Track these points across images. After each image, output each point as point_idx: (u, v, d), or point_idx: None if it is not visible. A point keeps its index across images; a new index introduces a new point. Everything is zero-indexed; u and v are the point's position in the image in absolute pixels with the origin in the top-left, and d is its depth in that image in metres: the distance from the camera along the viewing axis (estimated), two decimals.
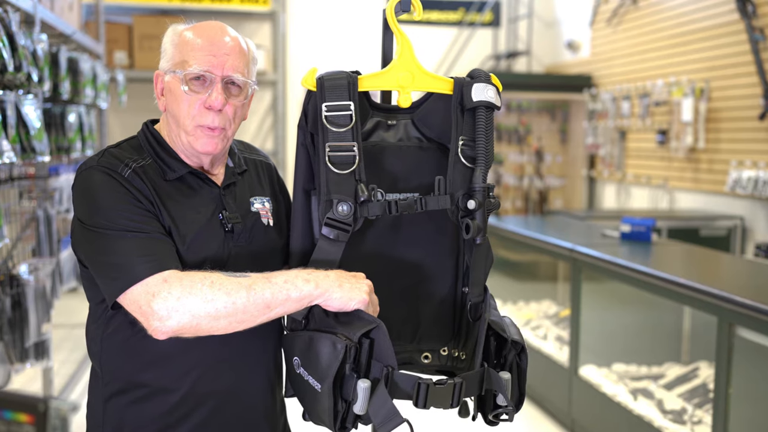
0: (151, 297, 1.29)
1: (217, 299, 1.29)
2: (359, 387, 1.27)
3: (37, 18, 3.25)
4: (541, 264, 5.34)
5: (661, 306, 3.90)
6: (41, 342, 3.22)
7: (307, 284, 1.33)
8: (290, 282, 1.33)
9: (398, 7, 1.50)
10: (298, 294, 1.33)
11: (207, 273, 1.32)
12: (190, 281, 1.30)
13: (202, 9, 7.20)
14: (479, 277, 1.49)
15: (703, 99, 5.42)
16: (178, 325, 1.29)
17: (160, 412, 1.46)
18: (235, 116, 1.47)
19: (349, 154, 1.38)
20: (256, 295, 1.31)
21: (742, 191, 4.91)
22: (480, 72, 1.49)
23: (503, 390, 1.37)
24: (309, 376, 1.33)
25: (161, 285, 1.30)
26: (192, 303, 1.28)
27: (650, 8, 6.21)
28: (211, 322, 1.30)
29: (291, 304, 1.33)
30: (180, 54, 1.44)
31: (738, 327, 2.73)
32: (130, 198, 1.38)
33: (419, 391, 1.30)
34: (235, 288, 1.30)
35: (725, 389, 2.75)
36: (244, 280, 1.32)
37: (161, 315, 1.28)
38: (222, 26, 1.48)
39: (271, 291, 1.32)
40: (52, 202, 3.69)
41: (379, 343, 1.29)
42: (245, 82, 1.47)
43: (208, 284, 1.30)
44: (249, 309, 1.31)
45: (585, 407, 3.70)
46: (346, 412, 1.30)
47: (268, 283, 1.32)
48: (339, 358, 1.27)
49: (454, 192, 1.44)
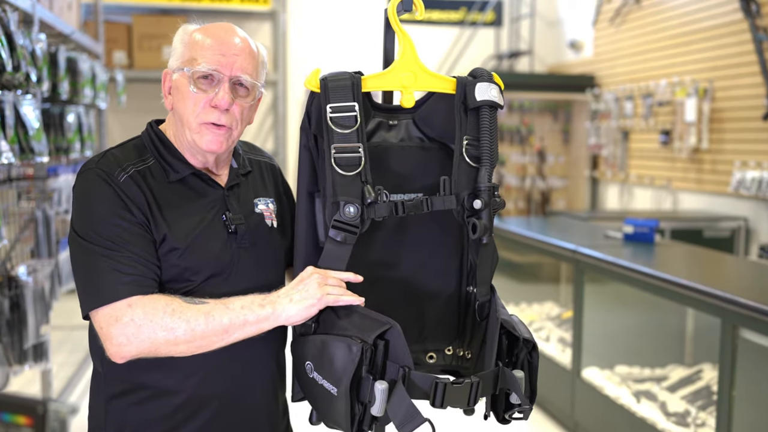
0: (114, 321, 1.34)
1: (177, 327, 1.33)
2: (377, 389, 1.27)
3: (35, 17, 3.24)
4: (543, 265, 5.33)
5: (665, 308, 3.89)
6: (40, 344, 3.22)
7: (262, 309, 1.36)
8: (246, 308, 1.36)
9: (400, 7, 1.49)
10: (255, 317, 1.36)
11: (169, 299, 1.36)
12: (152, 308, 1.34)
13: (202, 8, 7.17)
14: (486, 277, 1.49)
15: (706, 99, 5.41)
16: (137, 351, 1.34)
17: (163, 414, 1.47)
18: (241, 117, 1.47)
19: (355, 155, 1.38)
20: (214, 322, 1.34)
21: (745, 192, 4.90)
22: (482, 71, 1.48)
23: (517, 388, 1.37)
24: (323, 380, 1.33)
25: (125, 310, 1.34)
26: (152, 330, 1.33)
27: (653, 8, 6.19)
28: (169, 347, 1.35)
29: (249, 328, 1.36)
30: (189, 52, 1.44)
31: (742, 329, 2.73)
32: (121, 209, 1.39)
33: (436, 390, 1.30)
34: (195, 315, 1.34)
35: (729, 391, 2.74)
36: (203, 306, 1.36)
37: (119, 342, 1.33)
38: (233, 27, 1.49)
39: (229, 317, 1.35)
40: (50, 203, 3.68)
41: (394, 344, 1.30)
42: (253, 83, 1.48)
43: (169, 312, 1.34)
44: (207, 335, 1.34)
45: (588, 409, 3.69)
46: (363, 414, 1.30)
47: (226, 310, 1.36)
48: (355, 360, 1.27)
49: (459, 192, 1.43)
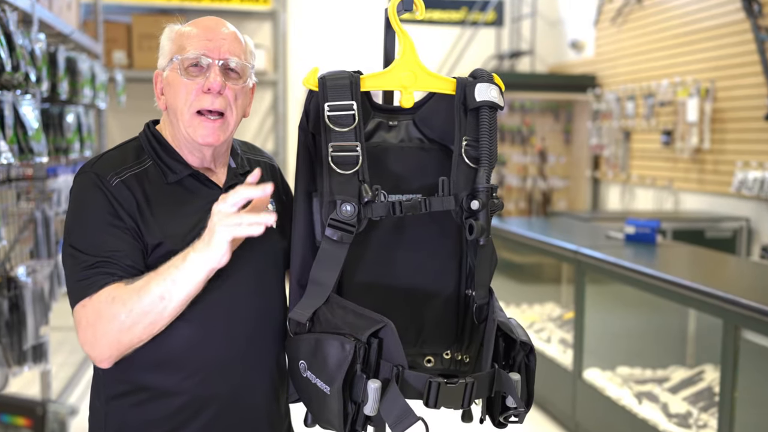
0: (78, 326, 1.36)
1: (118, 313, 1.31)
2: (370, 387, 1.26)
3: (35, 17, 3.24)
4: (544, 266, 5.32)
5: (666, 308, 3.89)
6: (39, 345, 3.21)
7: (183, 259, 1.31)
8: (171, 265, 1.31)
9: (400, 6, 1.49)
10: (182, 272, 1.30)
11: (110, 289, 1.33)
12: (97, 303, 1.33)
13: (202, 8, 7.17)
14: (484, 279, 1.48)
15: (708, 99, 5.40)
16: (107, 351, 1.34)
17: (163, 416, 1.46)
18: (236, 102, 1.46)
19: (353, 154, 1.37)
20: (148, 294, 1.31)
21: (747, 192, 4.89)
22: (482, 72, 1.48)
23: (513, 391, 1.36)
24: (317, 378, 1.32)
25: (81, 312, 1.35)
26: (102, 326, 1.32)
27: (655, 7, 6.18)
28: (128, 335, 1.32)
29: (183, 285, 1.31)
30: (176, 45, 1.45)
31: (744, 330, 2.72)
32: (110, 216, 1.40)
33: (430, 390, 1.29)
34: (129, 295, 1.31)
35: (731, 393, 2.74)
36: (137, 283, 1.32)
37: (87, 349, 1.35)
38: (218, 18, 1.49)
39: (157, 282, 1.31)
40: (50, 203, 3.67)
41: (387, 343, 1.29)
42: (243, 65, 1.47)
43: (109, 301, 1.32)
44: (147, 309, 1.31)
45: (589, 411, 3.68)
46: (356, 413, 1.29)
47: (156, 276, 1.32)
48: (348, 359, 1.26)
49: (458, 193, 1.43)
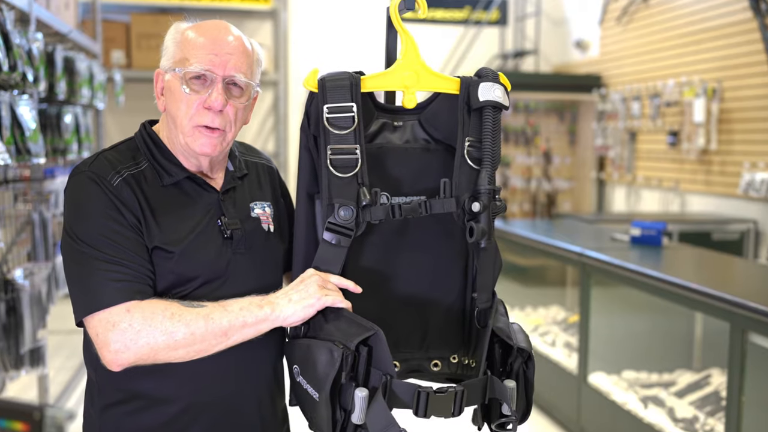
0: (111, 327, 1.31)
1: (176, 331, 1.31)
2: (356, 396, 1.25)
3: (32, 16, 3.23)
4: (549, 268, 5.31)
5: (672, 312, 3.88)
6: (36, 348, 3.21)
7: (260, 309, 1.34)
8: (245, 309, 1.34)
9: (402, 5, 1.47)
10: (254, 319, 1.34)
11: (168, 303, 1.34)
12: (151, 312, 1.31)
13: (202, 7, 7.15)
14: (486, 283, 1.46)
15: (715, 99, 5.37)
16: (135, 357, 1.31)
17: (158, 424, 1.44)
18: (236, 119, 1.44)
19: (351, 157, 1.36)
20: (213, 324, 1.32)
21: (755, 194, 4.86)
22: (488, 71, 1.45)
23: (507, 399, 1.35)
24: (307, 384, 1.31)
25: (123, 315, 1.31)
26: (151, 335, 1.30)
27: (661, 6, 6.15)
28: (169, 353, 1.32)
29: (248, 330, 1.35)
30: (181, 52, 1.42)
31: (751, 333, 2.71)
32: (114, 213, 1.37)
33: (419, 399, 1.28)
34: (194, 318, 1.32)
35: (738, 397, 2.73)
36: (202, 309, 1.34)
37: (116, 348, 1.30)
38: (226, 25, 1.46)
39: (228, 319, 1.33)
40: (47, 205, 3.67)
41: (377, 351, 1.28)
42: (247, 83, 1.45)
43: (168, 316, 1.31)
44: (207, 338, 1.32)
45: (594, 415, 3.67)
46: (345, 421, 1.28)
47: (225, 312, 1.34)
48: (335, 366, 1.26)
49: (460, 194, 1.41)
